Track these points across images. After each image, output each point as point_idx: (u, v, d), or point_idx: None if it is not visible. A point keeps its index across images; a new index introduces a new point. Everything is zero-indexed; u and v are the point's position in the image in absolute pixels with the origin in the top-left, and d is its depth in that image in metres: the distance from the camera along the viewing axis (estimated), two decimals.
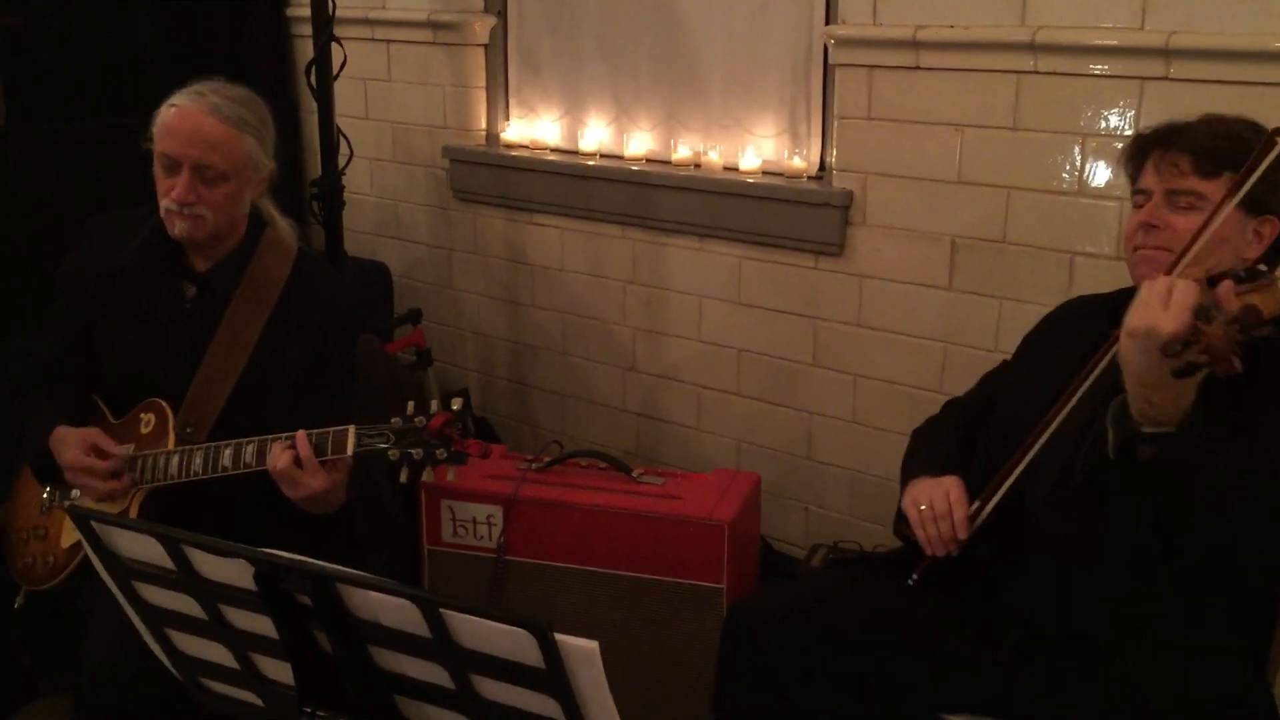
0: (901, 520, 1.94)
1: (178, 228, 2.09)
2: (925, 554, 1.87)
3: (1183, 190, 1.76)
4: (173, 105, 2.11)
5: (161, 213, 2.11)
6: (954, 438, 2.05)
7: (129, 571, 1.40)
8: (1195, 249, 1.68)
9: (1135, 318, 1.52)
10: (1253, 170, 1.65)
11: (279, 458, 1.95)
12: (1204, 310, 1.47)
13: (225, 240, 2.17)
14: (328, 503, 2.01)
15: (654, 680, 2.54)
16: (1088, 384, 1.72)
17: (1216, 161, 1.74)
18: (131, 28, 3.59)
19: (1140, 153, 1.84)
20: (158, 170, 2.11)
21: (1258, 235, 1.76)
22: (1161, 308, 1.49)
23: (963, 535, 1.82)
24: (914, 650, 1.88)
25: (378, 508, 2.43)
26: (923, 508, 1.86)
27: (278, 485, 1.97)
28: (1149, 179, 1.81)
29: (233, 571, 1.30)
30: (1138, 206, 1.83)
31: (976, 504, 1.83)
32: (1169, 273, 1.61)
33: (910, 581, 1.88)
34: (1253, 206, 1.72)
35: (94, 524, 1.37)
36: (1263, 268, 1.68)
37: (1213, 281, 1.55)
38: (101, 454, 2.08)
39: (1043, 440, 1.76)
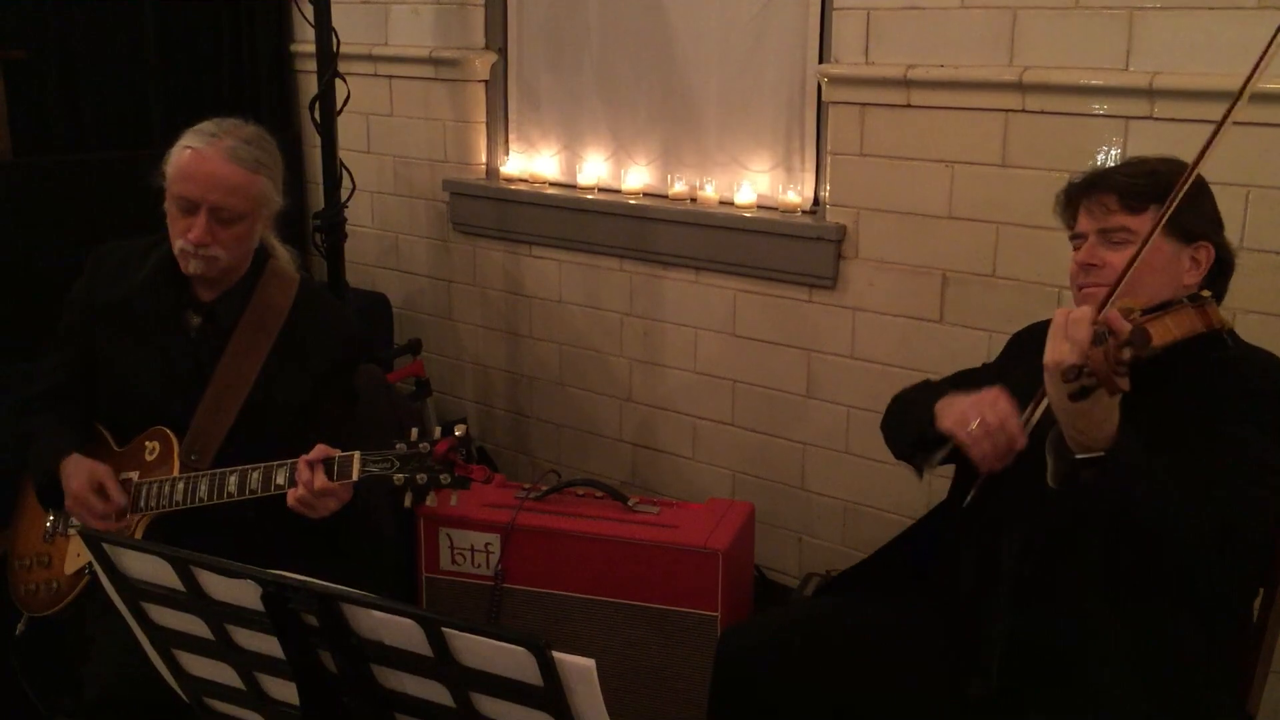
0: (924, 453, 1.92)
1: (192, 266, 2.12)
2: (970, 474, 1.83)
3: (1113, 228, 1.84)
4: (188, 148, 2.12)
5: (175, 251, 2.14)
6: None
7: (138, 592, 1.43)
8: (1124, 281, 1.74)
9: (1046, 352, 1.59)
10: (1174, 200, 1.72)
11: (290, 497, 1.98)
12: (1098, 336, 1.53)
13: (232, 273, 2.21)
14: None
15: (648, 707, 2.56)
16: (1036, 417, 1.76)
17: (1140, 197, 1.82)
18: (136, 62, 3.65)
19: (1071, 201, 1.93)
20: (172, 210, 2.13)
21: (1194, 262, 1.84)
22: (1063, 339, 1.56)
23: (1022, 443, 1.76)
24: (903, 674, 1.90)
25: (375, 534, 2.46)
26: (973, 425, 1.78)
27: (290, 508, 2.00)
28: (1083, 222, 1.90)
29: (240, 592, 1.33)
30: (1077, 249, 1.91)
31: (1030, 407, 1.78)
32: (1102, 306, 1.67)
33: (967, 502, 1.85)
34: (1184, 235, 1.81)
35: (104, 546, 1.40)
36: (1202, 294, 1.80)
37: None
38: (105, 496, 2.10)
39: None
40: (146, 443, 2.17)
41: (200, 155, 2.11)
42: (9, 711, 2.56)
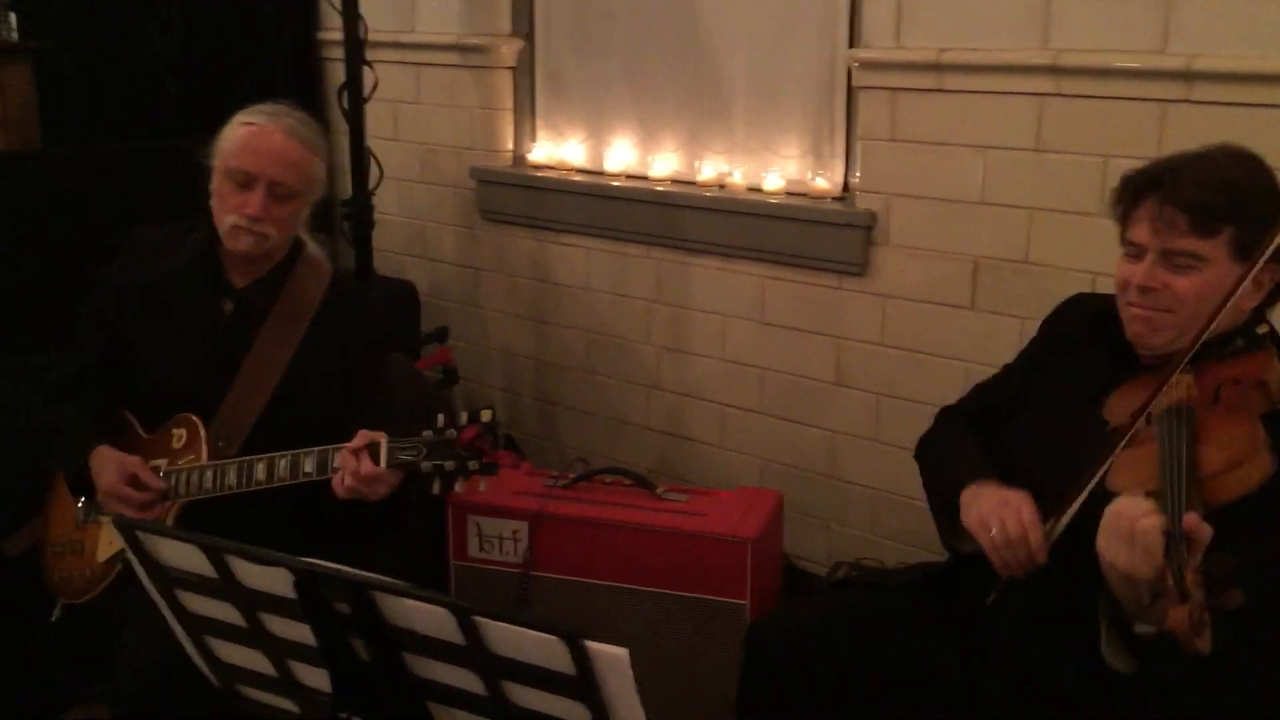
0: (954, 533, 1.84)
1: (242, 243, 2.13)
2: (995, 573, 1.74)
3: (1179, 250, 1.67)
4: (248, 123, 2.15)
5: (224, 228, 2.14)
6: (981, 445, 1.95)
7: (171, 580, 1.43)
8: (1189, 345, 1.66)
9: (1107, 548, 1.49)
10: (1266, 247, 1.60)
11: (338, 484, 1.97)
12: (1173, 550, 1.41)
13: (268, 259, 2.21)
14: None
15: (677, 695, 2.55)
16: (1059, 528, 1.70)
17: (1215, 217, 1.65)
18: (163, 51, 3.66)
19: (1131, 197, 1.74)
20: (224, 186, 2.14)
21: (1257, 283, 1.68)
22: (1128, 548, 1.45)
23: (1042, 559, 1.70)
24: (934, 667, 1.88)
25: (402, 521, 2.46)
26: (993, 532, 1.72)
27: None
28: (1141, 233, 1.71)
29: (273, 580, 1.33)
30: (1130, 257, 1.74)
31: (1050, 522, 1.71)
32: (1174, 509, 1.48)
33: (988, 603, 1.75)
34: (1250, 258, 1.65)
35: (138, 533, 1.41)
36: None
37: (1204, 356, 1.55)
38: (140, 485, 2.10)
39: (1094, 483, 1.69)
40: (174, 430, 2.18)
41: (262, 130, 2.14)
42: (43, 696, 2.58)
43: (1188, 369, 1.68)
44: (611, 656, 1.16)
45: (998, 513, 1.73)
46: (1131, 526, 1.45)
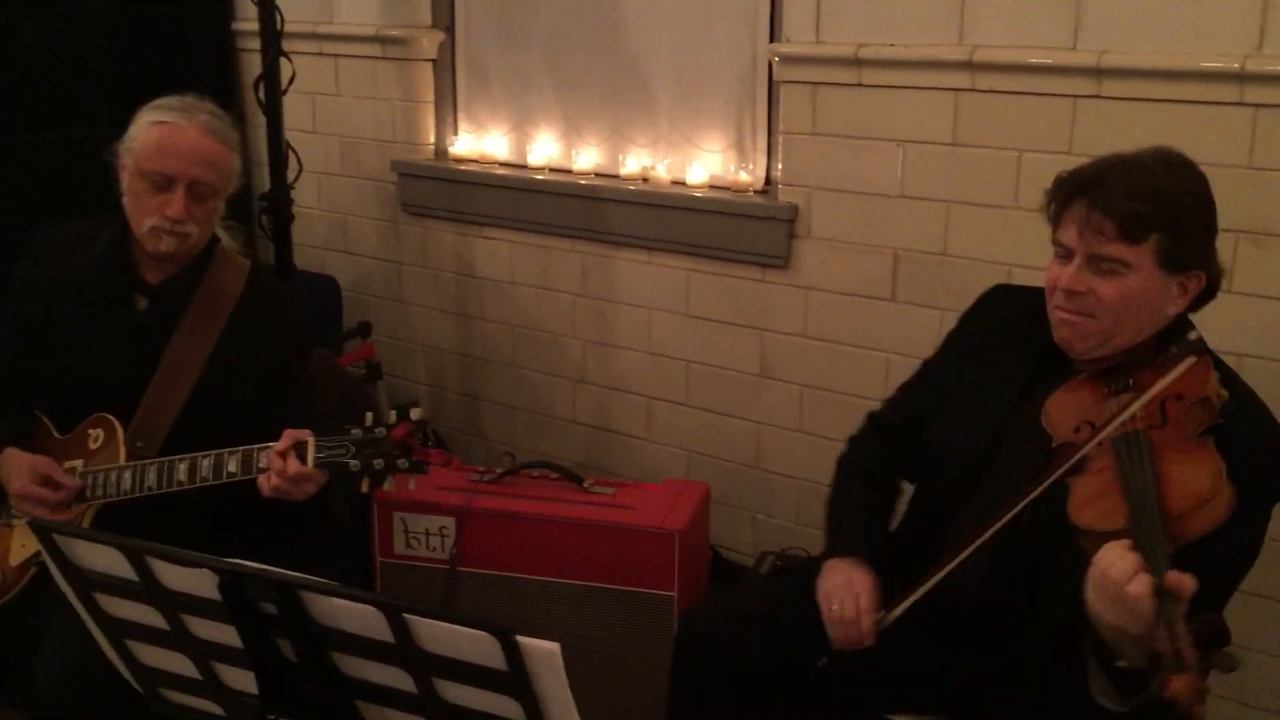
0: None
1: (164, 244, 2.08)
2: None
3: (1106, 256, 1.69)
4: (163, 122, 2.08)
5: (144, 230, 2.09)
6: (872, 494, 2.04)
7: (90, 583, 1.40)
8: (1112, 329, 1.72)
9: (1095, 602, 1.49)
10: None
11: (264, 483, 1.94)
12: (1164, 609, 1.40)
13: (185, 255, 2.17)
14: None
15: (607, 687, 2.56)
16: (1015, 512, 1.71)
17: (1143, 226, 1.66)
18: (75, 42, 3.56)
19: (1063, 199, 1.75)
20: (140, 187, 2.08)
21: (1182, 289, 1.72)
22: (1121, 608, 1.44)
23: (869, 643, 1.82)
24: (861, 652, 1.91)
25: (329, 519, 2.44)
26: (834, 607, 1.84)
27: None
28: (1070, 235, 1.73)
29: (196, 581, 1.31)
30: (1059, 258, 1.77)
31: (882, 613, 1.81)
32: (1155, 566, 1.46)
33: (820, 665, 1.87)
34: (1176, 266, 1.69)
35: (55, 536, 1.37)
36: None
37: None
38: (53, 485, 2.05)
39: (960, 558, 1.73)
40: (90, 430, 2.13)
41: (178, 130, 2.07)
42: None
43: (1126, 384, 1.71)
44: (543, 651, 1.17)
45: (839, 592, 1.85)
46: (1120, 591, 1.44)
